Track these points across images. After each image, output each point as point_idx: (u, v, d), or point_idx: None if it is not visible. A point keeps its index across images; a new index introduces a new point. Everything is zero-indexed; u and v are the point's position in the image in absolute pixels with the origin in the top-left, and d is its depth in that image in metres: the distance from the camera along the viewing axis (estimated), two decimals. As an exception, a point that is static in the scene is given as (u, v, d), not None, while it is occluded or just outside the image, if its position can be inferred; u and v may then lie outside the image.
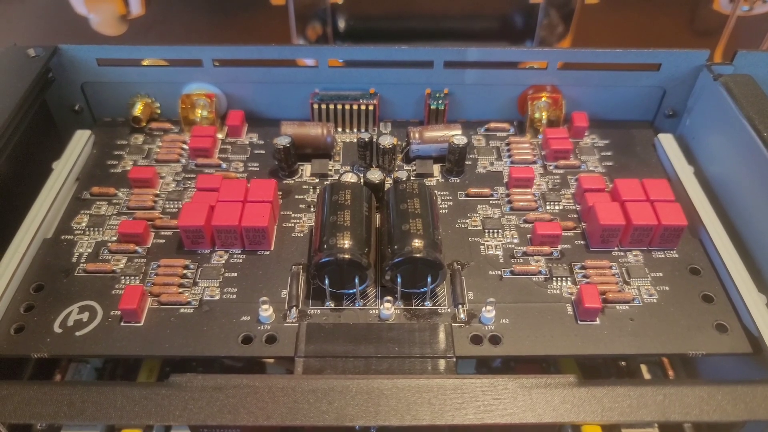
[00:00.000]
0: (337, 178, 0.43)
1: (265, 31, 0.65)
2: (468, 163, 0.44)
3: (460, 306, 0.35)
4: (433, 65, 0.46)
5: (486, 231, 0.39)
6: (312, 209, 0.41)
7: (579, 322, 0.34)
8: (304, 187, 0.43)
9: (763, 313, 0.34)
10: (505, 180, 0.43)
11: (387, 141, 0.42)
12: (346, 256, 0.33)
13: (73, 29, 0.63)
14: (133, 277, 0.36)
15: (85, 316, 0.34)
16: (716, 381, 0.28)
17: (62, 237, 0.39)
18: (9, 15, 0.63)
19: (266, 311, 0.34)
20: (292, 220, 0.40)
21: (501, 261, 0.38)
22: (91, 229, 0.39)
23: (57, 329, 0.34)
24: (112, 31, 0.63)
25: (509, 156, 0.45)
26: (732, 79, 0.42)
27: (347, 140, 0.47)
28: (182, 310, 0.35)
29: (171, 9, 0.64)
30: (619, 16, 0.64)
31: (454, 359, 0.32)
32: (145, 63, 0.48)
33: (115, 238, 0.39)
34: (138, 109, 0.47)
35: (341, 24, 0.62)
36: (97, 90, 0.47)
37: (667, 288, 0.36)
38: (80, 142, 0.45)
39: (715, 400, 0.28)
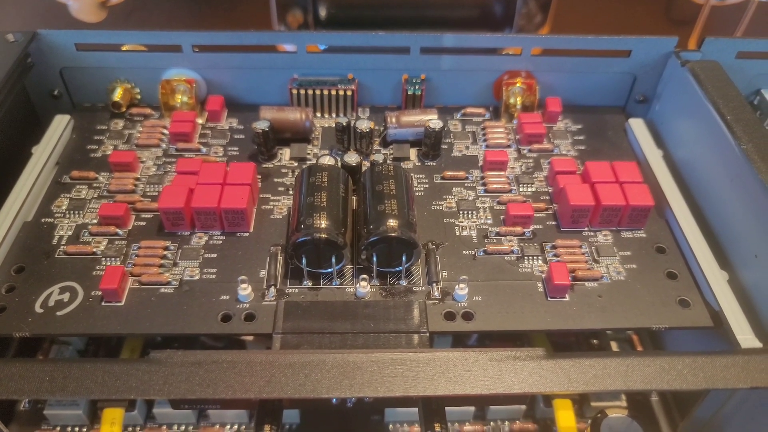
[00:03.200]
0: (315, 161, 0.44)
1: (247, 19, 0.65)
2: (444, 147, 0.45)
3: (434, 284, 0.36)
4: (410, 51, 0.46)
5: (461, 212, 0.40)
6: (291, 192, 0.42)
7: (549, 299, 0.35)
8: (283, 170, 0.43)
9: (724, 289, 0.35)
10: (480, 163, 0.44)
11: (364, 125, 0.43)
12: (323, 236, 0.34)
13: (52, 16, 0.63)
14: (113, 259, 0.37)
15: (66, 296, 0.35)
16: (677, 352, 0.29)
17: (42, 220, 0.39)
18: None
19: (245, 290, 0.34)
20: (270, 203, 0.41)
21: (475, 241, 0.39)
22: (72, 212, 0.40)
23: (38, 309, 0.34)
24: (92, 18, 0.63)
25: (484, 140, 0.46)
26: (699, 65, 0.43)
27: (325, 125, 0.47)
28: (162, 290, 0.35)
29: (151, -4, 0.64)
30: (597, 5, 0.65)
31: (428, 334, 0.33)
32: (124, 48, 0.48)
33: (95, 221, 0.39)
34: (118, 95, 0.47)
35: (322, 12, 0.62)
36: (76, 75, 0.47)
37: (634, 266, 0.37)
38: (60, 126, 0.45)
39: (675, 370, 0.29)
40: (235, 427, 0.39)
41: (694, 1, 0.66)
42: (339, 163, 0.41)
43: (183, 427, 0.39)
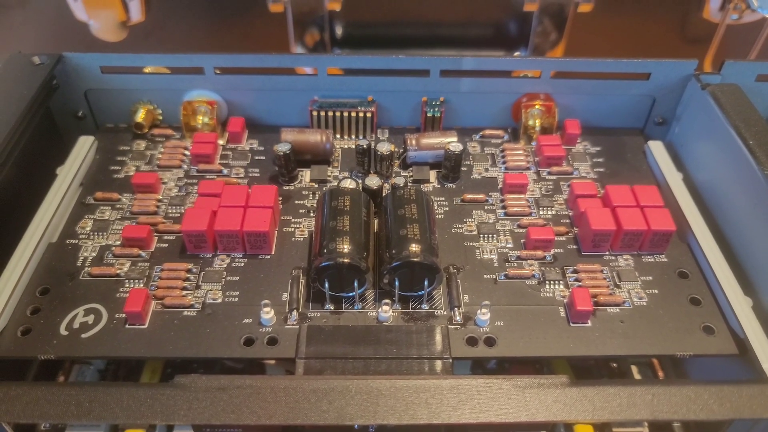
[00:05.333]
0: (336, 183, 0.44)
1: (264, 38, 0.66)
2: (463, 169, 0.45)
3: (456, 309, 0.36)
4: (429, 74, 0.47)
5: (481, 236, 0.40)
6: (311, 214, 0.42)
7: (571, 324, 0.35)
8: (304, 192, 0.44)
9: (749, 315, 0.35)
10: (500, 186, 0.44)
11: (384, 148, 0.43)
12: (346, 260, 0.34)
13: (74, 35, 0.64)
14: (137, 281, 0.37)
15: (90, 318, 0.35)
16: (703, 381, 0.29)
17: (67, 241, 0.40)
18: (10, 21, 0.64)
19: (267, 314, 0.35)
20: (292, 225, 0.41)
21: (495, 265, 0.39)
22: (96, 233, 0.40)
23: (63, 331, 0.34)
24: (113, 37, 0.64)
25: (503, 162, 0.46)
26: (719, 89, 0.43)
27: (346, 147, 0.48)
28: (185, 313, 0.35)
29: (170, 15, 0.65)
30: (612, 23, 0.65)
31: (451, 360, 0.33)
32: (147, 70, 0.49)
33: (119, 243, 0.39)
34: (140, 116, 0.48)
35: (339, 30, 0.63)
36: (100, 97, 0.48)
37: (656, 291, 0.37)
38: (84, 147, 0.46)
39: (701, 400, 0.29)
40: (255, 449, 0.39)
41: (709, 20, 0.66)
42: (360, 186, 0.41)
43: (203, 449, 0.39)
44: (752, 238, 0.39)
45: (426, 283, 0.35)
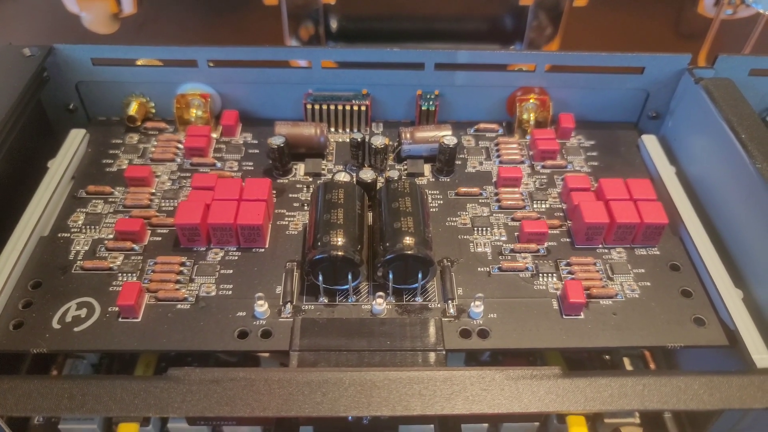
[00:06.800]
0: (330, 177, 0.44)
1: (258, 31, 0.66)
2: (458, 162, 0.45)
3: (449, 301, 0.36)
4: (424, 67, 0.47)
5: (475, 229, 0.40)
6: (306, 207, 0.42)
7: (564, 317, 0.35)
8: (298, 185, 0.44)
9: (739, 307, 0.35)
10: (494, 179, 0.44)
11: (379, 141, 0.43)
12: (340, 253, 0.34)
13: (65, 27, 0.64)
14: (130, 274, 0.37)
15: (83, 312, 0.35)
16: (693, 372, 0.29)
17: (59, 235, 0.39)
18: (1, 13, 0.63)
19: (261, 307, 0.35)
20: (286, 218, 0.41)
21: (489, 258, 0.39)
22: (88, 227, 0.40)
23: (55, 325, 0.34)
24: (104, 30, 0.64)
25: (498, 156, 0.46)
26: (712, 83, 0.43)
27: (340, 140, 0.48)
28: (179, 306, 0.35)
29: (163, 8, 0.64)
30: (607, 18, 0.65)
31: (444, 352, 0.33)
32: (139, 63, 0.48)
33: (111, 236, 0.39)
34: (133, 109, 0.47)
35: (333, 24, 0.63)
36: (91, 89, 0.48)
37: (648, 283, 0.37)
38: (75, 140, 0.45)
39: (691, 390, 0.29)
40: (250, 442, 0.39)
41: (703, 15, 0.66)
42: (354, 180, 0.41)
43: (197, 442, 0.39)
44: (743, 232, 0.39)
45: (420, 275, 0.35)
